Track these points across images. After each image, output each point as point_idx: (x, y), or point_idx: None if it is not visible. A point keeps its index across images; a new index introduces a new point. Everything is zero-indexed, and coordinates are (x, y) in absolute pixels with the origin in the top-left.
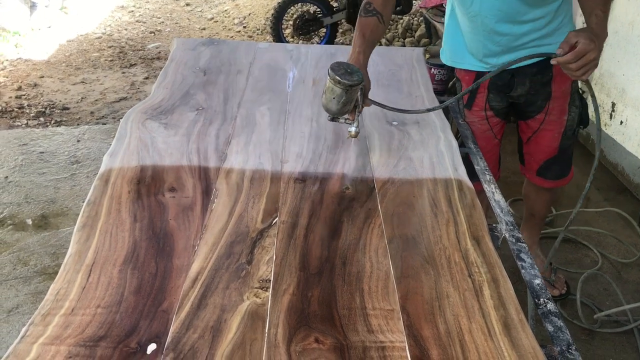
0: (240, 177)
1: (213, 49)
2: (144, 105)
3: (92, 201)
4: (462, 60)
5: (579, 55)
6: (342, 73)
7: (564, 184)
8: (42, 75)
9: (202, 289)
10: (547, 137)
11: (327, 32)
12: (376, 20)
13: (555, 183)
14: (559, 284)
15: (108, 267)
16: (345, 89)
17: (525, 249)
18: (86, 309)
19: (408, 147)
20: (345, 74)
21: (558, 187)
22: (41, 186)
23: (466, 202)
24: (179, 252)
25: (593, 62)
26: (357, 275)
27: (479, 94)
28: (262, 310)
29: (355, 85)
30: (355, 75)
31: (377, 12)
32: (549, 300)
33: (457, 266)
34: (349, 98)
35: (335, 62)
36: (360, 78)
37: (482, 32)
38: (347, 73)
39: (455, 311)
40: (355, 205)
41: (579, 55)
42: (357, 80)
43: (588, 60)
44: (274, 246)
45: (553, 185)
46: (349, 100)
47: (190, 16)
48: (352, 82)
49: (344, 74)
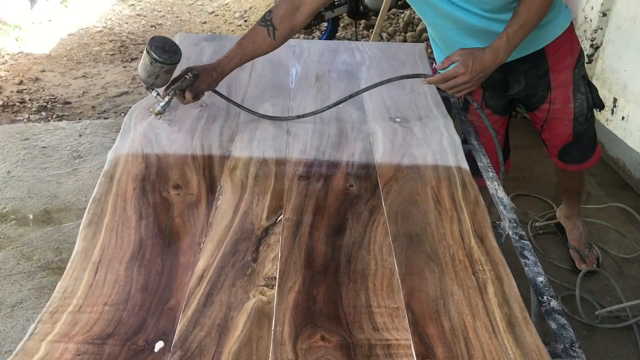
0: (244, 174)
1: (216, 45)
2: (147, 101)
3: (97, 198)
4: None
5: (447, 78)
6: (158, 47)
7: (589, 166)
8: (44, 70)
9: (209, 286)
10: (557, 125)
11: (328, 26)
12: (265, 32)
13: (578, 167)
14: (590, 260)
15: (114, 264)
16: (150, 61)
17: (529, 247)
18: (93, 306)
19: (411, 144)
20: (159, 48)
21: (582, 169)
22: (44, 181)
23: (470, 199)
24: (184, 250)
25: (464, 85)
26: (362, 273)
27: (474, 93)
28: (268, 308)
29: (160, 62)
30: (168, 55)
31: (272, 24)
32: (552, 297)
33: (461, 264)
34: (153, 71)
35: (160, 36)
36: (171, 60)
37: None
38: (163, 49)
39: (459, 309)
40: (360, 203)
41: (446, 78)
42: (165, 59)
43: (457, 83)
44: (279, 244)
45: (576, 168)
46: (153, 73)
47: (191, 10)
48: (158, 58)
49: (158, 47)
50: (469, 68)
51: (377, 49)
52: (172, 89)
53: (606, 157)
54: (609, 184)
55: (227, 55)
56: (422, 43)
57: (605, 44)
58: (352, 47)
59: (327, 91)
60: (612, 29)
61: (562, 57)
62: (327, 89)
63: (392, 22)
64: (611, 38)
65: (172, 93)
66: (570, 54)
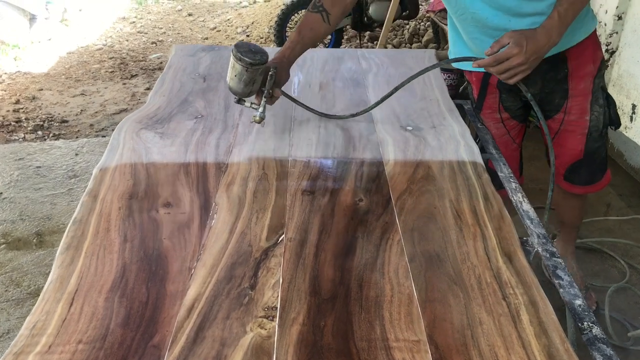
0: (242, 190)
1: (214, 55)
2: (139, 115)
3: (78, 219)
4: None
5: (499, 60)
6: (245, 51)
7: (596, 190)
8: (41, 88)
9: (199, 319)
10: (569, 138)
11: (332, 39)
12: (319, 18)
13: (585, 189)
14: (590, 302)
15: (93, 294)
16: (246, 66)
17: (562, 265)
18: (65, 345)
19: (425, 154)
20: (248, 52)
21: (589, 192)
22: (37, 202)
23: (493, 213)
24: (173, 277)
25: (519, 68)
26: (375, 300)
27: (489, 94)
28: (268, 343)
29: (256, 65)
30: (259, 55)
31: (324, 9)
32: (594, 324)
33: (489, 287)
34: (250, 77)
35: (240, 41)
36: (264, 59)
37: (476, 30)
38: (251, 52)
39: (490, 341)
40: (371, 219)
41: (498, 60)
42: (259, 60)
43: (510, 65)
44: (280, 267)
45: (582, 191)
46: (250, 79)
47: (192, 26)
48: (253, 61)
49: (247, 52)
50: (522, 48)
51: (384, 56)
52: (266, 90)
53: (626, 166)
54: (631, 194)
55: (288, 46)
56: (432, 49)
57: (622, 48)
58: (357, 55)
59: (332, 100)
60: (629, 32)
61: (583, 64)
62: (332, 97)
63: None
64: (627, 42)
65: (267, 94)
66: (593, 61)
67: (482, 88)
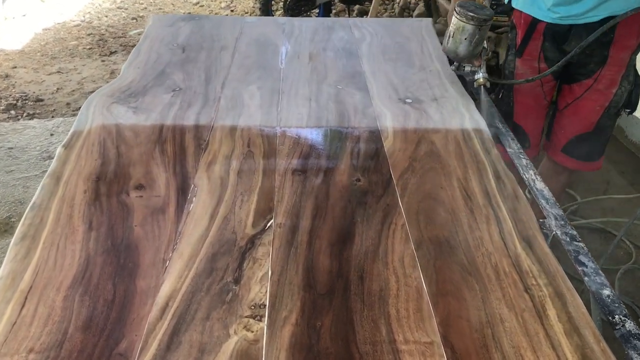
0: (225, 170)
1: (194, 25)
2: (110, 88)
3: (37, 205)
4: (532, 4)
5: None
6: (472, 9)
7: (587, 170)
8: (15, 66)
9: (174, 320)
10: (587, 107)
11: (319, 13)
12: None
13: (579, 164)
14: None
15: (50, 292)
16: (479, 25)
17: (585, 251)
18: (13, 355)
19: (427, 128)
20: (475, 9)
21: (580, 170)
22: (8, 185)
23: (507, 192)
24: (144, 270)
25: None
26: (379, 295)
27: (533, 40)
28: (256, 349)
29: (489, 21)
30: (487, 9)
31: None
32: (627, 317)
33: (508, 277)
34: (482, 36)
35: (461, 2)
36: (493, 13)
37: None
38: (477, 9)
39: (514, 341)
40: (370, 201)
41: None
42: (490, 14)
43: None
44: (269, 257)
45: (576, 166)
46: (481, 39)
47: (174, 1)
48: (485, 17)
49: (474, 9)
50: None
51: (378, 25)
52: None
53: (627, 142)
54: (633, 171)
55: None
56: (428, 18)
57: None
58: (349, 24)
59: (323, 71)
60: None
61: (629, 35)
62: (323, 68)
63: (387, 8)
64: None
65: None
66: (637, 35)
67: (527, 31)
